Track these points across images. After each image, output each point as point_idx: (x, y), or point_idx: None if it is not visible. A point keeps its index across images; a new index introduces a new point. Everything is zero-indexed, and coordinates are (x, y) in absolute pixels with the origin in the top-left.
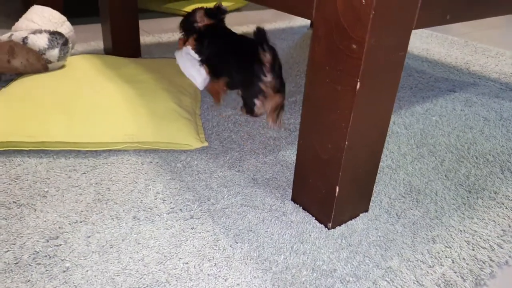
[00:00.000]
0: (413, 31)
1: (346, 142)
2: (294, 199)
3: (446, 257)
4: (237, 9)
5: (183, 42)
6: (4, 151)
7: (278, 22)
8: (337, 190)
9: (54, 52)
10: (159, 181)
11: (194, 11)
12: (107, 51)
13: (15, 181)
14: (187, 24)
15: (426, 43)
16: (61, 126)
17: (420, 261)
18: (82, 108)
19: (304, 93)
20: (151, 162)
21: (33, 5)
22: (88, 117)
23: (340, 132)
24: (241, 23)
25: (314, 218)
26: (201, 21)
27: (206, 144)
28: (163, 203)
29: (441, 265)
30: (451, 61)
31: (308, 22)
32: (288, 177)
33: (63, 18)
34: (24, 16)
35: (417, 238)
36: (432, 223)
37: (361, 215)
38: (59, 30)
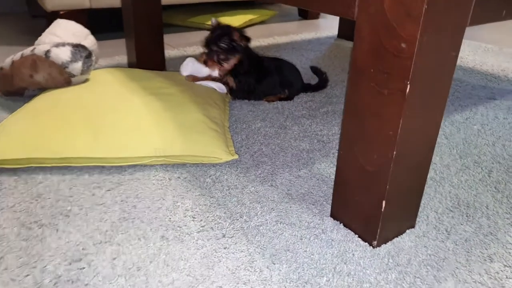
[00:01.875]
0: None
1: (394, 152)
2: (333, 215)
3: (506, 277)
4: (262, 22)
5: (215, 62)
6: (26, 168)
7: (304, 34)
8: (384, 205)
9: (77, 65)
10: (188, 197)
11: (229, 29)
12: (131, 66)
13: (37, 200)
14: (224, 41)
15: None
16: (85, 141)
17: (478, 282)
18: (106, 122)
19: (346, 99)
20: (179, 178)
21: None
22: (113, 131)
23: (387, 141)
24: (267, 35)
25: (357, 235)
26: (240, 41)
27: (236, 157)
28: (193, 220)
29: (502, 286)
30: (487, 69)
31: (335, 33)
32: (325, 192)
33: (87, 31)
34: (47, 30)
35: (471, 257)
36: (486, 239)
37: (407, 231)
38: (83, 43)
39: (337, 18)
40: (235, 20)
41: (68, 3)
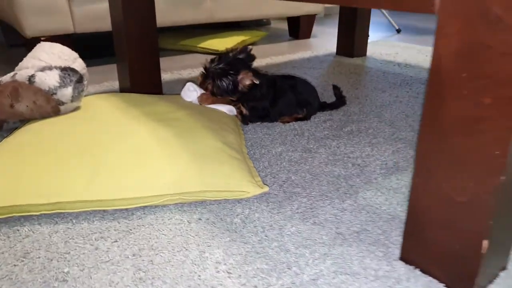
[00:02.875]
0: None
1: (503, 177)
2: (405, 259)
3: None
4: (253, 43)
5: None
6: (8, 219)
7: (301, 52)
8: (485, 245)
9: (67, 91)
10: (216, 245)
11: (236, 67)
12: (124, 91)
13: (22, 261)
14: (225, 82)
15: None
16: (81, 182)
17: None
18: (105, 156)
19: (423, 113)
20: (200, 219)
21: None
22: (115, 167)
23: (491, 163)
24: (263, 56)
25: (443, 284)
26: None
27: (266, 189)
28: (229, 277)
29: None
30: None
31: (331, 51)
32: (382, 228)
33: (75, 54)
34: (30, 54)
35: None
36: None
37: (501, 274)
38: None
39: (330, 36)
40: (227, 41)
41: (50, 28)
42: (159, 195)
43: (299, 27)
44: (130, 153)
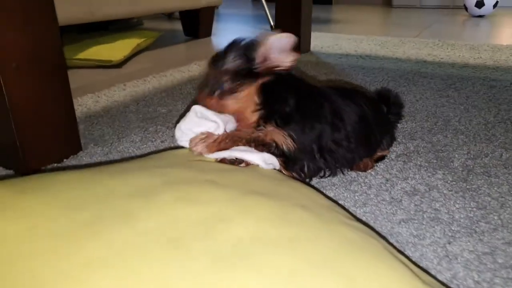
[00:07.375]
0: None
1: None
2: None
3: None
4: (147, 47)
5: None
6: None
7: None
8: None
9: None
10: None
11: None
12: (5, 152)
13: None
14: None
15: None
16: None
17: None
18: None
19: None
20: None
21: None
22: None
23: None
24: (177, 64)
25: None
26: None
27: None
28: None
29: None
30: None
31: None
32: None
33: None
34: None
35: None
36: None
37: None
38: None
39: (231, 32)
40: (119, 48)
41: None
42: None
43: (198, 24)
44: None
